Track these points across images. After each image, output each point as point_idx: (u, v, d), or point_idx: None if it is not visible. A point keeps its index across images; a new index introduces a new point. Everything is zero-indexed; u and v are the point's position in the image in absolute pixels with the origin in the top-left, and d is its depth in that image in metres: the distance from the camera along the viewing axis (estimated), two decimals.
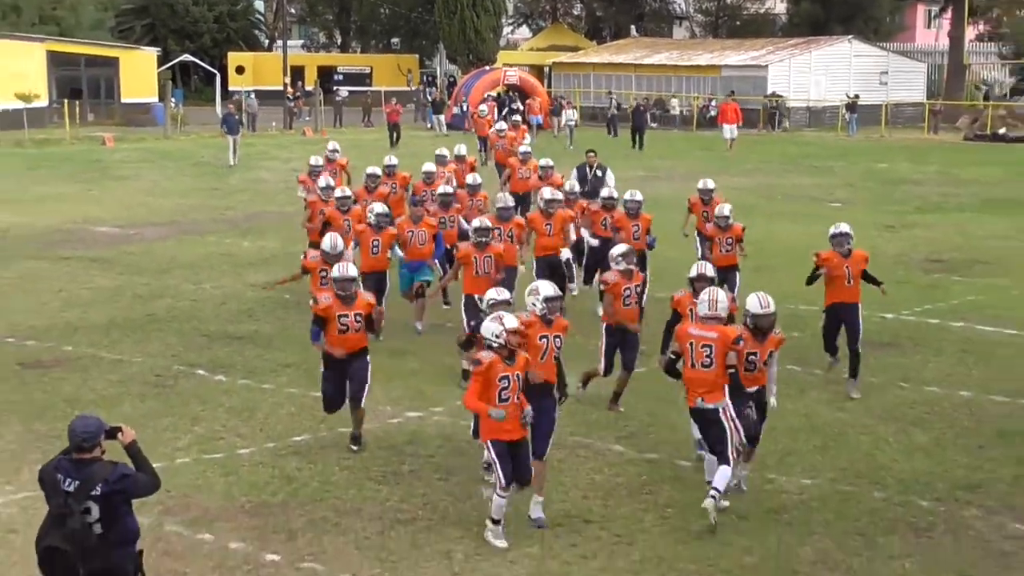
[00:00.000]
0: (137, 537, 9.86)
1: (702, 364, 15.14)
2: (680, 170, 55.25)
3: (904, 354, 21.16)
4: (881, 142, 71.31)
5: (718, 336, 15.05)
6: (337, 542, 14.46)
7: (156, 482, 10.00)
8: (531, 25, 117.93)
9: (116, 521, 9.61)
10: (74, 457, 9.70)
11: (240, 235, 36.70)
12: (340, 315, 16.83)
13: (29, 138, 66.40)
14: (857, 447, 17.89)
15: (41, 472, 9.87)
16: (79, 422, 9.92)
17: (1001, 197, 46.57)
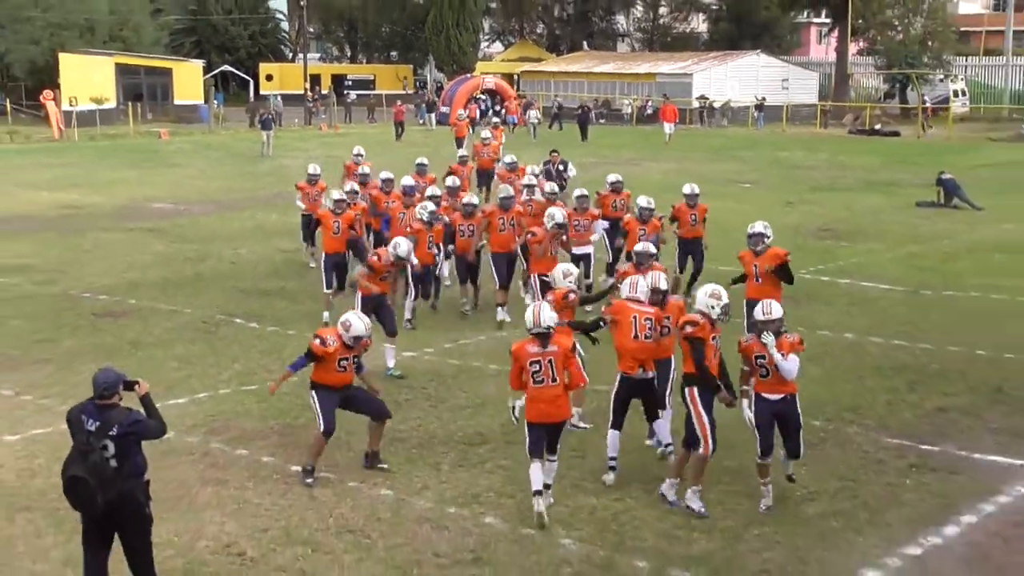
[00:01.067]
0: (145, 471, 9.82)
1: (645, 336, 13.46)
2: (624, 156, 55.39)
3: (800, 306, 21.17)
4: (783, 135, 71.33)
5: (654, 312, 13.58)
6: (347, 456, 14.47)
7: (164, 428, 9.97)
8: (503, 41, 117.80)
9: (128, 458, 9.60)
10: (97, 403, 9.67)
11: (269, 210, 36.58)
12: (341, 359, 13.97)
13: (101, 133, 66.32)
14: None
15: (69, 413, 9.83)
16: (101, 375, 9.86)
17: (878, 179, 46.68)
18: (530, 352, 12.46)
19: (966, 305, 22.93)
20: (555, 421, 12.59)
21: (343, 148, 58.75)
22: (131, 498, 9.66)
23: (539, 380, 12.42)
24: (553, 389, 12.44)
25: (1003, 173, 49.16)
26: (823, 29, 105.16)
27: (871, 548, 11.98)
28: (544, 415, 12.46)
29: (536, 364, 12.42)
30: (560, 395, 12.50)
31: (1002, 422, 16.10)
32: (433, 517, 12.56)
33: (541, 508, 12.22)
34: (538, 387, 12.44)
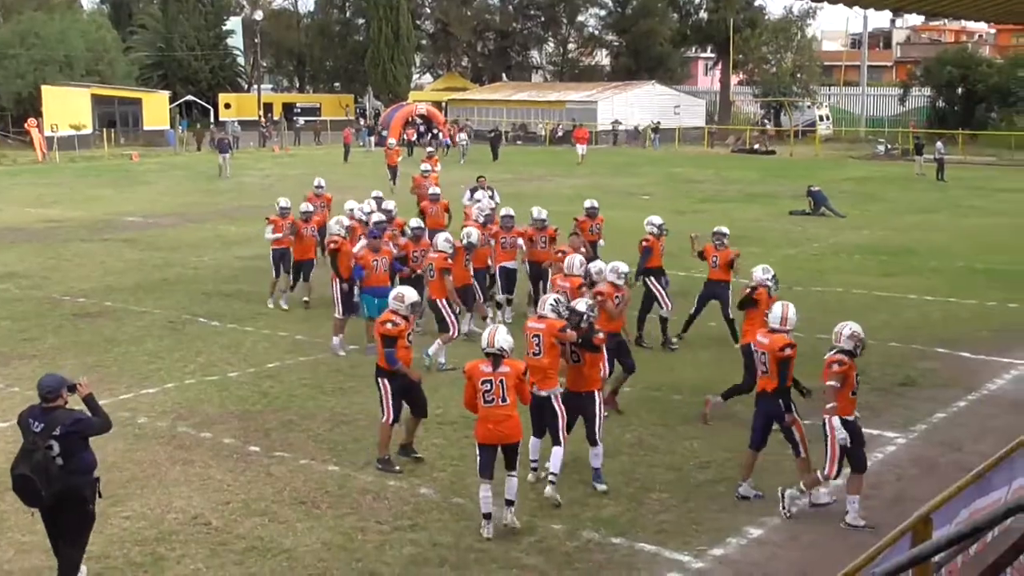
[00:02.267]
0: (94, 468, 9.60)
1: (534, 353, 12.34)
2: (537, 173, 55.46)
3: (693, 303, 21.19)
4: (676, 154, 71.69)
5: (544, 326, 12.30)
6: (299, 437, 14.42)
7: (108, 425, 9.70)
8: (433, 73, 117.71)
9: (73, 455, 9.39)
10: (43, 406, 9.50)
11: (228, 222, 36.31)
12: (408, 333, 13.42)
13: (79, 156, 65.42)
14: (661, 363, 17.99)
15: (19, 417, 9.65)
16: (44, 380, 9.61)
17: (757, 192, 47.04)
18: (482, 372, 11.41)
19: (831, 299, 23.14)
20: (506, 442, 11.40)
21: (293, 167, 58.94)
22: (76, 493, 9.44)
23: (489, 400, 11.34)
24: (503, 409, 11.33)
25: (861, 186, 49.73)
26: (709, 62, 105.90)
27: (753, 509, 12.10)
28: (493, 435, 11.34)
29: (487, 384, 11.36)
30: (511, 416, 11.35)
31: (862, 399, 16.22)
32: (375, 489, 12.54)
33: (489, 534, 11.26)
34: (488, 407, 11.35)
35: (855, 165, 63.57)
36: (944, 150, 55.52)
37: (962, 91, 79.21)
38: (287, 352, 18.94)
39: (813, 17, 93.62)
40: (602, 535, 11.34)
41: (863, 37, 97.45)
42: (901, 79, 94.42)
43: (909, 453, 14.05)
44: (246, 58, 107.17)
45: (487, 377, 11.37)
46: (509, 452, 11.43)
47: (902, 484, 12.82)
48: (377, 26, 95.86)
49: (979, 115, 78.00)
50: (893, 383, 17.13)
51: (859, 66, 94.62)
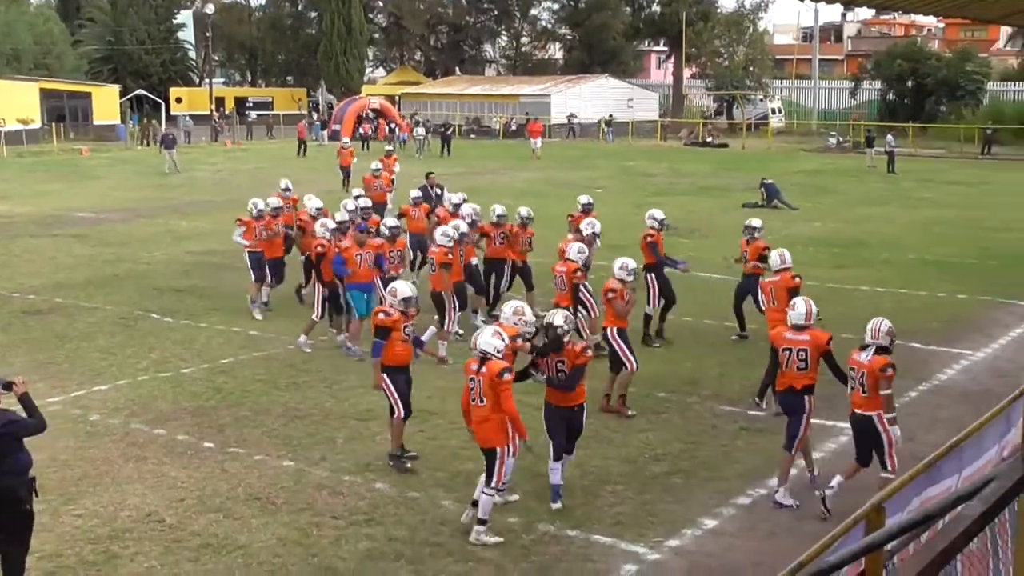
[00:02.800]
0: (29, 468, 9.45)
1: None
2: (491, 167, 55.50)
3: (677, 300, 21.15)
4: (629, 147, 71.89)
5: (486, 371, 10.99)
6: (254, 433, 14.38)
7: (42, 425, 9.52)
8: (386, 66, 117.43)
9: (7, 456, 9.28)
10: None
11: (180, 217, 36.13)
12: (404, 327, 13.06)
13: (28, 151, 64.81)
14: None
15: None
16: None
17: (710, 185, 47.24)
18: (471, 370, 11.13)
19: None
20: (482, 446, 11.19)
21: (245, 162, 58.68)
22: (11, 494, 9.33)
23: (472, 399, 11.13)
24: (480, 411, 11.06)
25: (813, 179, 50.05)
26: (662, 56, 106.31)
27: (708, 500, 12.17)
28: (474, 436, 11.32)
29: (472, 382, 11.10)
30: (487, 418, 10.99)
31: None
32: (330, 484, 12.52)
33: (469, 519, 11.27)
34: (473, 406, 11.15)
35: (807, 158, 63.98)
36: (894, 143, 56.08)
37: (912, 84, 79.84)
38: (241, 348, 18.86)
39: (765, 11, 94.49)
40: (558, 527, 11.38)
41: (814, 31, 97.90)
42: (852, 72, 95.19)
43: None
44: (197, 52, 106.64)
45: (472, 375, 11.14)
46: (488, 459, 11.12)
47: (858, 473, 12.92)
48: (329, 19, 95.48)
49: (928, 108, 78.65)
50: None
51: (811, 59, 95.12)
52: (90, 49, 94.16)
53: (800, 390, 12.29)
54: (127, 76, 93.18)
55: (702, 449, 13.81)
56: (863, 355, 11.78)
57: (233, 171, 53.71)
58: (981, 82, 78.38)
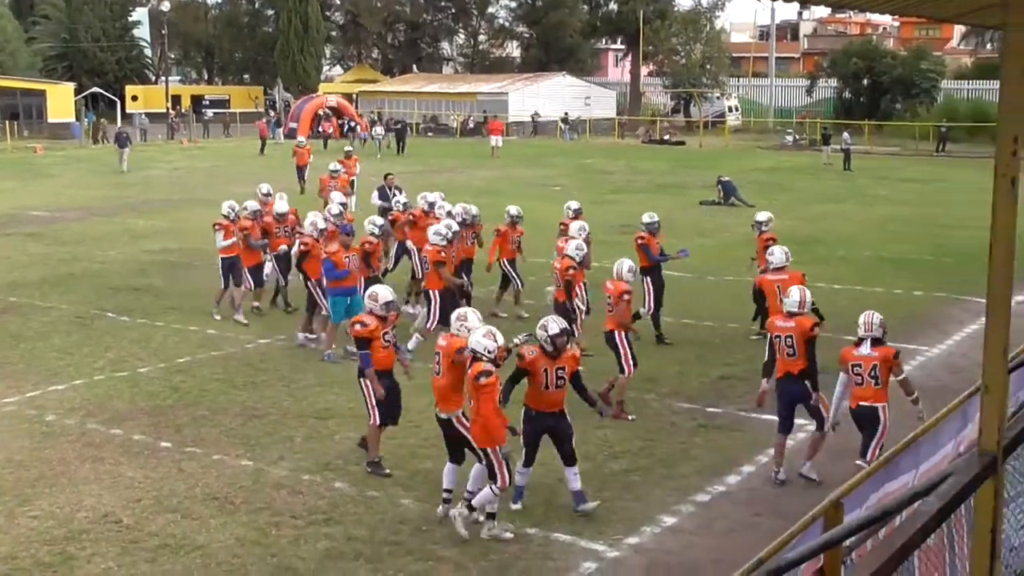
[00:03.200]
0: None
1: (436, 372, 11.65)
2: (448, 165, 55.47)
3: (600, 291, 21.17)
4: (587, 145, 72.00)
5: (446, 344, 11.48)
6: (212, 432, 14.30)
7: None
8: (343, 64, 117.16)
9: None
10: None
11: (136, 216, 35.90)
12: (384, 333, 12.81)
13: None
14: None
15: None
16: None
17: (667, 182, 47.38)
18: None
19: (742, 288, 23.24)
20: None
21: (202, 160, 58.40)
22: None
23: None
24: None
25: (770, 176, 50.29)
26: (619, 54, 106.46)
27: (667, 497, 12.20)
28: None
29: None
30: (473, 420, 11.10)
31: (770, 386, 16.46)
32: (289, 483, 12.47)
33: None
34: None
35: (763, 155, 64.28)
36: (850, 140, 56.49)
37: (867, 82, 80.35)
38: (198, 347, 18.76)
39: (722, 9, 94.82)
40: (517, 525, 11.36)
41: (771, 29, 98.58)
42: (808, 70, 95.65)
43: None
44: (153, 50, 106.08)
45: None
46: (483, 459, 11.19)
47: (814, 470, 12.99)
48: (286, 17, 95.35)
49: (884, 106, 79.17)
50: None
51: (767, 57, 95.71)
52: (44, 46, 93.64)
53: (798, 375, 12.55)
54: (82, 74, 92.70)
55: (660, 446, 13.84)
56: (862, 349, 11.95)
57: (190, 169, 53.44)
58: (935, 80, 78.99)
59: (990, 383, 4.63)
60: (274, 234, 21.03)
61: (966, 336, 19.63)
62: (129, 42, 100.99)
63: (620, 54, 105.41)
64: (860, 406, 11.92)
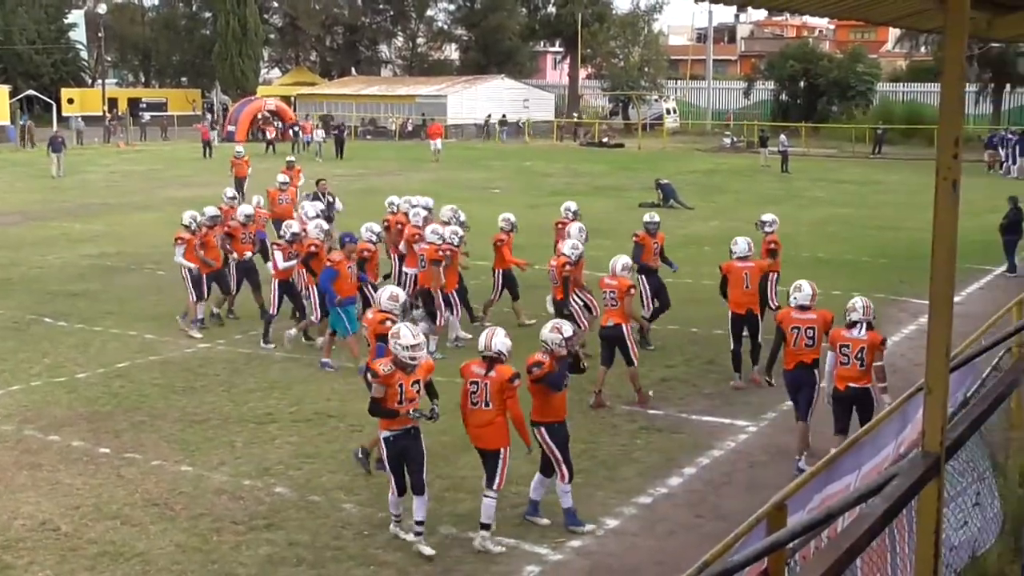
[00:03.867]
0: None
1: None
2: (388, 168, 55.34)
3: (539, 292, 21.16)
4: (526, 148, 72.05)
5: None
6: (151, 438, 14.16)
7: None
8: (281, 67, 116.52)
9: None
10: None
11: (73, 220, 35.53)
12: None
13: None
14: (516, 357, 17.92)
15: None
16: None
17: (606, 185, 47.43)
18: (473, 372, 11.03)
19: (682, 289, 23.30)
20: (483, 447, 11.13)
21: (139, 163, 57.86)
22: None
23: (474, 403, 10.99)
24: (483, 414, 10.97)
25: (708, 178, 50.58)
26: (557, 57, 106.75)
27: (609, 500, 12.20)
28: (475, 440, 11.21)
29: (474, 386, 10.98)
30: (491, 422, 10.93)
31: (713, 388, 16.58)
32: (230, 489, 12.38)
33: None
34: (472, 409, 11.04)
35: (702, 157, 64.62)
36: (787, 143, 56.88)
37: (804, 85, 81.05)
38: (137, 352, 18.59)
39: (659, 12, 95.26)
40: (460, 530, 11.33)
41: (708, 32, 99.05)
42: (746, 73, 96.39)
43: (760, 440, 14.33)
44: (89, 52, 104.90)
45: (475, 379, 11.00)
46: (489, 461, 11.07)
47: (754, 471, 13.07)
48: (224, 20, 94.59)
49: (820, 108, 79.88)
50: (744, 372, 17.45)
51: (705, 60, 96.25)
52: None
53: (810, 364, 13.18)
54: (17, 76, 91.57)
55: (602, 449, 13.84)
56: (854, 332, 12.65)
57: (127, 173, 52.93)
58: (871, 83, 79.84)
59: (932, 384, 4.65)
60: (239, 239, 20.72)
61: (904, 337, 19.79)
62: (65, 44, 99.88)
63: (559, 57, 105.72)
64: (848, 387, 12.49)
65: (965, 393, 8.72)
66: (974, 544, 7.69)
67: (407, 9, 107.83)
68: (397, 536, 11.11)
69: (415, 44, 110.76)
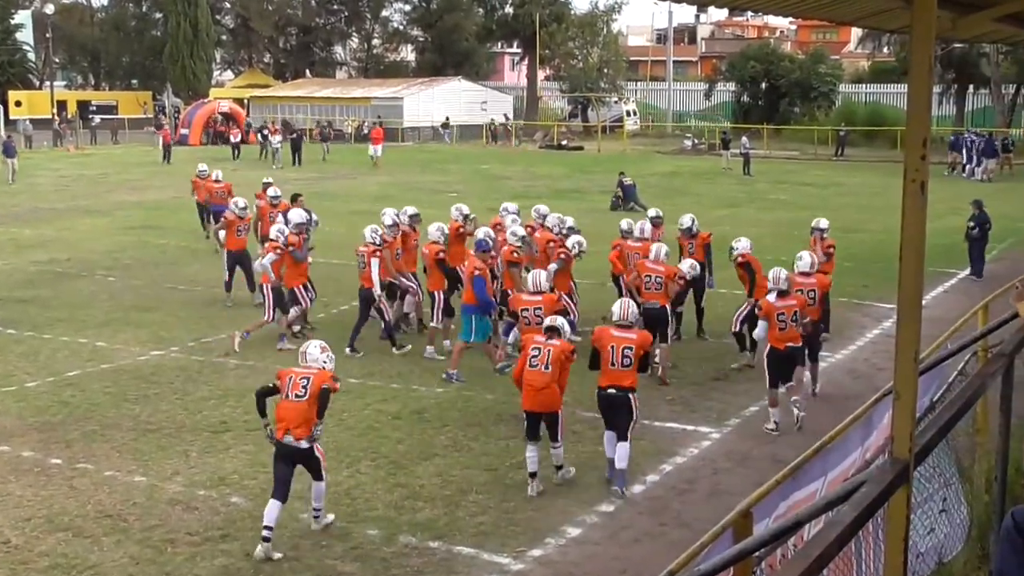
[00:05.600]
0: None
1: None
2: (343, 171, 55.29)
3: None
4: (483, 150, 72.08)
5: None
6: (103, 448, 14.06)
7: None
8: (234, 69, 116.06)
9: None
10: None
11: (22, 225, 35.25)
12: None
13: None
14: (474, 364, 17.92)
15: None
16: None
17: (565, 188, 47.54)
18: (535, 340, 12.84)
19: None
20: (545, 411, 12.64)
21: (90, 167, 57.48)
22: None
23: (534, 364, 12.54)
24: (544, 377, 12.51)
25: (669, 181, 50.78)
26: (515, 58, 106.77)
27: (571, 508, 12.20)
28: (534, 401, 12.65)
29: (536, 350, 12.61)
30: (548, 385, 12.49)
31: (675, 394, 16.61)
32: (184, 499, 12.30)
33: (534, 492, 12.48)
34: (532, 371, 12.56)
35: (662, 160, 64.87)
36: (749, 145, 57.16)
37: (765, 86, 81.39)
38: (88, 360, 18.44)
39: (618, 12, 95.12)
40: (419, 539, 11.31)
41: (668, 32, 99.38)
42: (707, 74, 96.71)
43: (724, 447, 14.36)
44: (37, 54, 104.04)
45: (538, 345, 12.64)
46: (550, 423, 12.69)
47: (718, 478, 13.09)
48: (175, 20, 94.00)
49: (782, 110, 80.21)
50: (707, 378, 17.51)
51: (665, 61, 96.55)
52: None
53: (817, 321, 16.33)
54: None
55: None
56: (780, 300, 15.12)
57: (77, 177, 52.59)
58: (833, 84, 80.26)
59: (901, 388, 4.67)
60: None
61: (867, 342, 19.92)
62: (11, 46, 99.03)
63: (516, 58, 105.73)
64: (788, 347, 14.89)
65: (931, 398, 8.77)
66: (940, 551, 7.73)
67: (362, 10, 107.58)
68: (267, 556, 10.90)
69: (370, 45, 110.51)
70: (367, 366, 17.99)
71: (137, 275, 25.92)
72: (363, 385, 16.82)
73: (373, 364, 18.14)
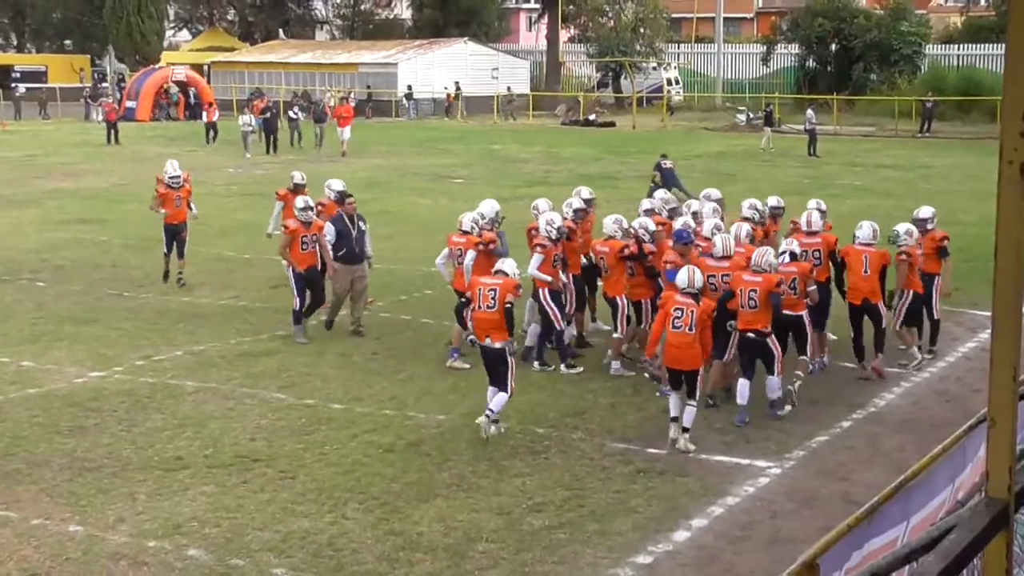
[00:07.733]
0: None
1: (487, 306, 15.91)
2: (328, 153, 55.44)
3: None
4: (494, 127, 72.11)
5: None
6: (30, 491, 14.04)
7: None
8: (191, 29, 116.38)
9: None
10: None
11: None
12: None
13: None
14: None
15: None
16: None
17: (594, 172, 47.50)
18: (677, 301, 15.40)
19: None
20: (686, 368, 15.29)
21: (13, 147, 57.53)
22: None
23: (677, 327, 15.29)
24: (686, 337, 15.24)
25: (717, 163, 50.78)
26: (533, 15, 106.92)
27: (600, 559, 12.17)
28: (676, 360, 15.40)
29: (679, 311, 15.29)
30: (691, 344, 15.24)
31: (725, 422, 16.58)
32: (130, 553, 12.29)
33: (676, 435, 15.33)
34: (675, 332, 15.33)
35: (710, 138, 64.90)
36: (815, 119, 56.99)
37: (836, 48, 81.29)
38: (10, 383, 18.40)
39: None
40: None
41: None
42: (764, 35, 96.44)
43: (784, 485, 14.33)
44: None
45: (680, 306, 15.33)
46: (689, 379, 15.31)
47: (778, 522, 13.07)
48: None
49: (856, 76, 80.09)
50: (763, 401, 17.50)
51: (714, 19, 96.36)
52: None
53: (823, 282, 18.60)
54: None
55: (590, 496, 13.82)
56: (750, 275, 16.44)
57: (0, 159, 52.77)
58: (919, 45, 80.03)
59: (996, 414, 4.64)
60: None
61: (961, 357, 19.90)
62: None
63: (534, 15, 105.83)
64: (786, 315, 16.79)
65: None
66: None
67: None
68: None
69: (358, 0, 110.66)
70: (352, 389, 18.00)
71: (72, 279, 25.94)
72: (349, 412, 16.80)
73: (361, 386, 18.17)
